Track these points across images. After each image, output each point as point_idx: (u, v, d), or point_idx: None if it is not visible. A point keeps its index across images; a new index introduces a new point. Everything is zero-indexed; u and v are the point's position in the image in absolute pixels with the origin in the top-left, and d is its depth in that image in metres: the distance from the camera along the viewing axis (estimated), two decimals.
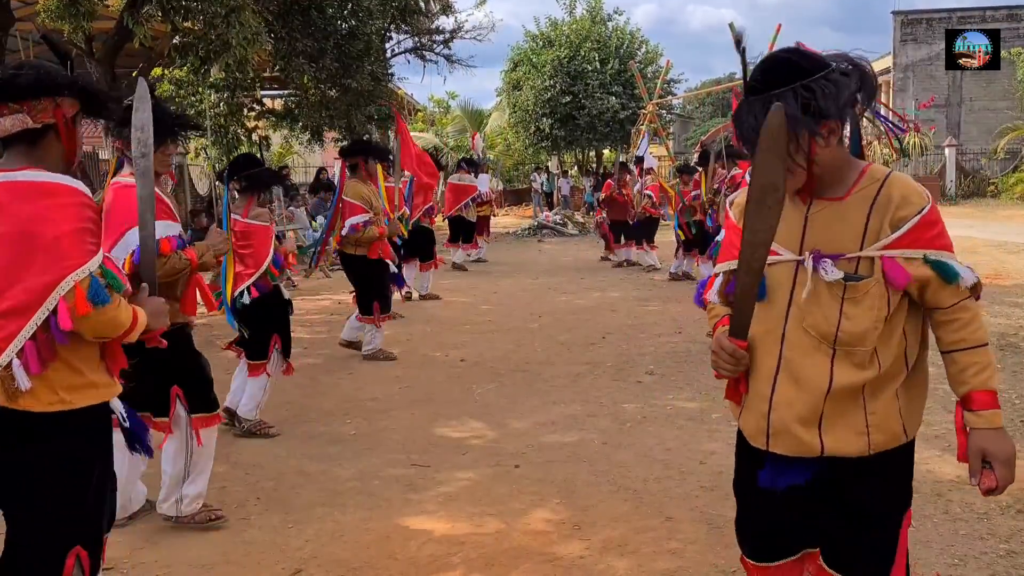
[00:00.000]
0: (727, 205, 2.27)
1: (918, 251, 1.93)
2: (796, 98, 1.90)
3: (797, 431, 2.02)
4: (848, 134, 2.12)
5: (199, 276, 3.64)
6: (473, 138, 19.26)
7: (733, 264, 2.11)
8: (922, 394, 2.10)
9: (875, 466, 2.03)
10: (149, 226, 2.49)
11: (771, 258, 2.04)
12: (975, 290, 1.98)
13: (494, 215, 15.68)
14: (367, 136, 16.21)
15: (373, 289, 6.93)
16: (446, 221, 13.58)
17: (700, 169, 10.36)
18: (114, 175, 3.60)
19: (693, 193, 10.77)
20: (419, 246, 9.97)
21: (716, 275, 2.24)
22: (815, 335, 2.00)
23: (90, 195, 2.21)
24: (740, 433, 2.21)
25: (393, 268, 7.14)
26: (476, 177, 13.59)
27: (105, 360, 2.27)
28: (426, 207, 10.04)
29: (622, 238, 13.56)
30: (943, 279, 1.93)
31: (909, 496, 2.12)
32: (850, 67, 1.95)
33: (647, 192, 12.92)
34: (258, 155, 5.54)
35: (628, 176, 13.58)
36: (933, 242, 1.95)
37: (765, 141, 1.97)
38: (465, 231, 13.45)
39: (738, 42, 2.03)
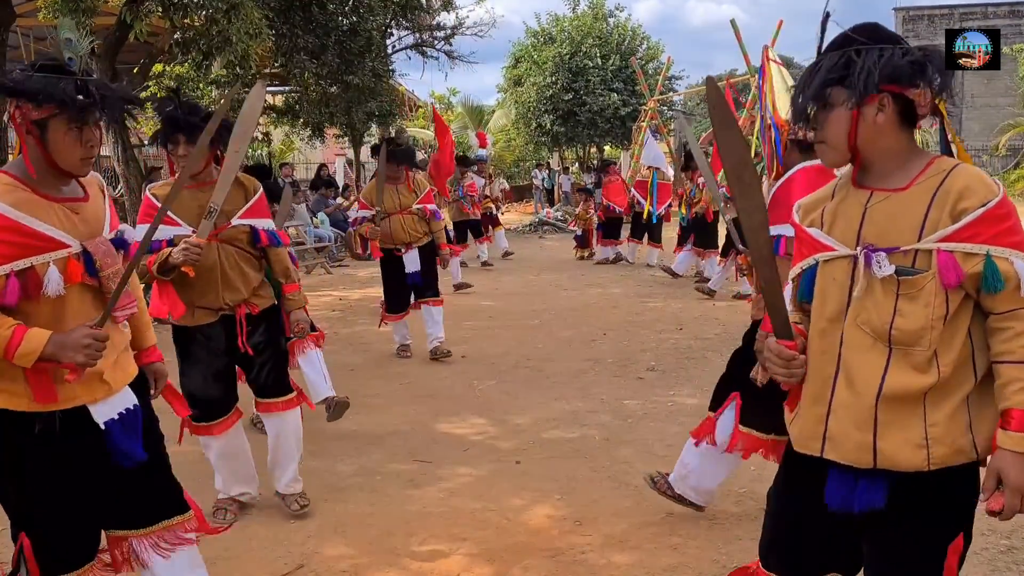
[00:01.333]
0: (795, 210, 2.13)
1: (980, 246, 1.77)
2: (839, 62, 1.85)
3: (852, 437, 1.89)
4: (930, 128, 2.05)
5: (155, 283, 3.54)
6: (481, 137, 19.08)
7: (797, 269, 2.04)
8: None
9: (935, 484, 1.87)
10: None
11: (827, 254, 1.96)
12: None
13: (493, 212, 15.38)
14: (390, 133, 16.23)
15: (383, 286, 7.03)
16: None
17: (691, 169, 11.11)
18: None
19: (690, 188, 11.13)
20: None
21: (788, 282, 2.12)
22: (869, 332, 1.88)
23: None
24: (789, 441, 2.09)
25: (413, 267, 6.82)
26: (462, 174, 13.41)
27: (28, 372, 2.19)
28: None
29: (618, 234, 13.64)
30: (988, 281, 1.77)
31: (967, 520, 1.93)
32: (918, 50, 1.86)
33: (631, 189, 13.12)
34: (265, 163, 5.30)
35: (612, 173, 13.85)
36: (999, 239, 1.77)
37: (715, 116, 1.93)
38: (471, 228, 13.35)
39: (826, 17, 1.96)
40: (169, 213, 3.53)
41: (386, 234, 6.80)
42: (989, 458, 1.84)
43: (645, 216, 12.81)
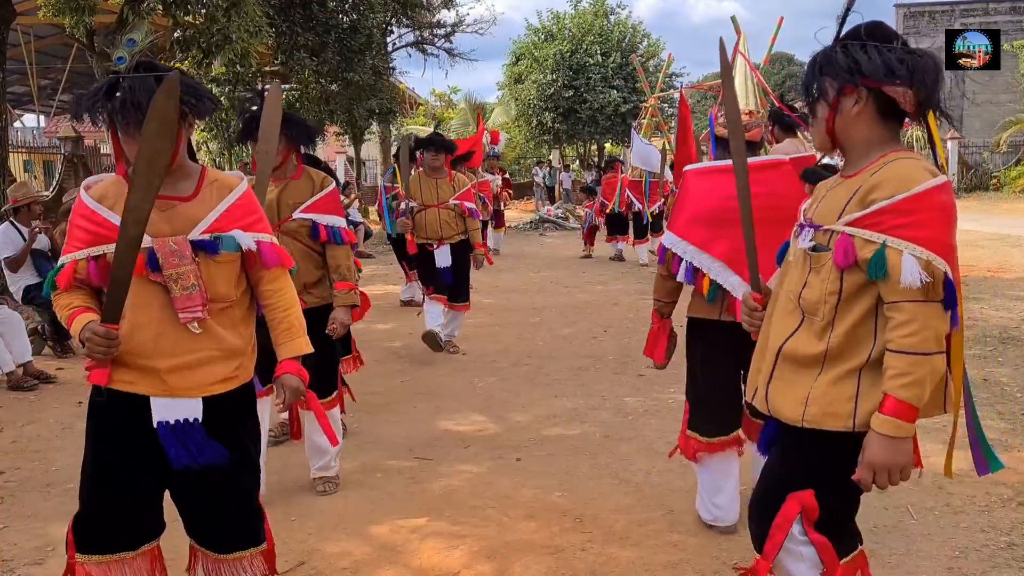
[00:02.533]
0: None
1: (878, 235, 1.89)
2: (829, 55, 2.01)
3: (759, 386, 2.19)
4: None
5: None
6: (494, 134, 18.93)
7: None
8: None
9: (808, 443, 2.06)
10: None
11: (795, 230, 2.19)
12: (929, 294, 1.87)
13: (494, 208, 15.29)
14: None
15: (418, 273, 7.28)
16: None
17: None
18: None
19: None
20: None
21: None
22: (792, 298, 2.12)
23: (84, 200, 2.32)
24: None
25: (444, 262, 6.80)
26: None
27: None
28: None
29: (624, 230, 13.65)
30: (872, 268, 1.89)
31: (822, 482, 2.06)
32: (905, 51, 1.95)
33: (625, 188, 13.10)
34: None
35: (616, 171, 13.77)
36: (900, 231, 1.87)
37: (724, 76, 2.31)
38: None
39: (846, 12, 2.08)
40: None
41: (420, 226, 6.82)
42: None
43: (648, 217, 12.78)
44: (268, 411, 4.01)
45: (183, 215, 2.33)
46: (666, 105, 25.03)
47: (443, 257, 6.78)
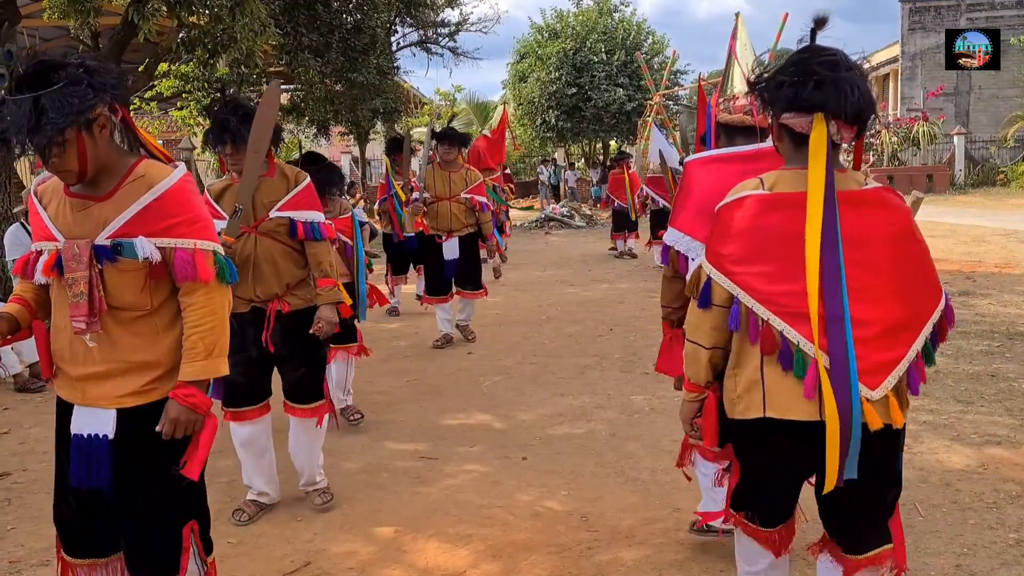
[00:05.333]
0: None
1: None
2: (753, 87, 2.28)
3: None
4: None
5: None
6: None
7: None
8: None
9: None
10: None
11: None
12: (692, 293, 2.33)
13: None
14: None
15: (423, 268, 7.39)
16: None
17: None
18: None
19: None
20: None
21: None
22: None
23: (31, 197, 2.37)
24: None
25: (451, 255, 6.91)
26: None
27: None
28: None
29: (625, 230, 13.67)
30: None
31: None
32: (802, 84, 2.10)
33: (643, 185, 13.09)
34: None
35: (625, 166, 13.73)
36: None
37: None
38: None
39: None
40: (217, 207, 3.66)
41: (432, 218, 6.99)
42: None
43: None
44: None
45: (95, 216, 2.18)
46: (670, 103, 24.99)
47: (451, 250, 6.95)
